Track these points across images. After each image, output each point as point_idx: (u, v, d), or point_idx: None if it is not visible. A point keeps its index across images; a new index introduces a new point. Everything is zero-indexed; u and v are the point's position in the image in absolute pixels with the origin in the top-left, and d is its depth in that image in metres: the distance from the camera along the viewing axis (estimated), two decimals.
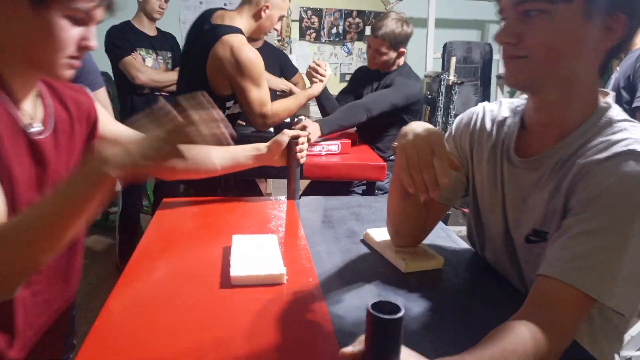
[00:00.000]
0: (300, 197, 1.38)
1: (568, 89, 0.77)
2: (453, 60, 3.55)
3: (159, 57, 2.78)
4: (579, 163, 0.74)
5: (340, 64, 4.84)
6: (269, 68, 2.98)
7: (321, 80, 2.14)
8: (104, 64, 3.12)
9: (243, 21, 1.82)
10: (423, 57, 3.99)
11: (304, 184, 2.65)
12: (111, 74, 2.89)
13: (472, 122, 0.98)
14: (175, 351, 0.67)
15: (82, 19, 0.78)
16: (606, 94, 0.81)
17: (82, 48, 0.80)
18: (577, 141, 0.77)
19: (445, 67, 3.63)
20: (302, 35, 4.77)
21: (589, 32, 0.72)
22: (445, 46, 3.68)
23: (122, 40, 2.62)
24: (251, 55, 1.70)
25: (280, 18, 1.93)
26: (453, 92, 3.52)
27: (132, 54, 2.63)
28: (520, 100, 0.93)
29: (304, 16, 4.77)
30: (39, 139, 0.83)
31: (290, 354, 0.68)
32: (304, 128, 1.94)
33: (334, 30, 4.95)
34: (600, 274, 0.66)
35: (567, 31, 0.72)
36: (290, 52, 4.63)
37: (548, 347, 0.63)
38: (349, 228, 1.18)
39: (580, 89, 0.77)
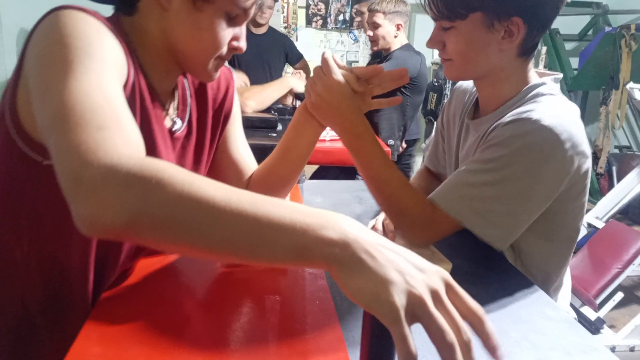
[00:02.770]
0: (304, 181, 1.38)
1: (491, 76, 0.92)
2: None
3: None
4: (494, 126, 0.89)
5: (347, 52, 4.81)
6: (274, 54, 2.96)
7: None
8: None
9: None
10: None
11: (311, 169, 2.65)
12: None
13: (451, 100, 1.15)
14: (176, 331, 0.67)
15: (237, 17, 0.71)
16: (544, 74, 0.94)
17: (232, 49, 0.74)
18: (506, 111, 0.90)
19: None
20: (309, 22, 4.75)
21: (492, 37, 0.86)
22: None
23: None
24: None
25: None
26: None
27: None
28: None
29: (311, 3, 4.74)
30: (177, 135, 0.79)
31: (293, 343, 0.67)
32: None
33: (340, 17, 4.91)
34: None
35: (472, 40, 0.87)
36: (297, 39, 4.61)
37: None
38: (352, 211, 1.18)
39: (504, 75, 0.91)
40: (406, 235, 0.92)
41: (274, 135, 2.09)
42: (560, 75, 0.95)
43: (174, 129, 0.78)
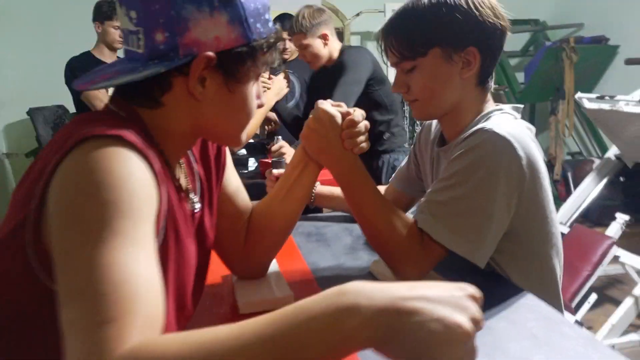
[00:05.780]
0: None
1: (454, 111, 0.96)
2: None
3: None
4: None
5: None
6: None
7: (267, 88, 2.09)
8: (62, 96, 3.03)
9: None
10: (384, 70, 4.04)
11: None
12: (68, 107, 2.79)
13: (422, 130, 1.18)
14: None
15: (257, 75, 0.70)
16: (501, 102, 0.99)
17: (257, 106, 0.72)
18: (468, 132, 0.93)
19: None
20: None
21: (452, 69, 0.91)
22: None
23: (83, 72, 2.53)
24: None
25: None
26: None
27: None
28: None
29: None
30: (197, 213, 0.75)
31: None
32: (280, 150, 1.77)
33: None
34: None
35: (435, 74, 0.92)
36: None
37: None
38: (345, 244, 1.16)
39: (464, 106, 0.96)
40: (401, 276, 0.89)
41: (245, 172, 2.08)
42: (521, 106, 1.00)
43: (195, 211, 0.75)
